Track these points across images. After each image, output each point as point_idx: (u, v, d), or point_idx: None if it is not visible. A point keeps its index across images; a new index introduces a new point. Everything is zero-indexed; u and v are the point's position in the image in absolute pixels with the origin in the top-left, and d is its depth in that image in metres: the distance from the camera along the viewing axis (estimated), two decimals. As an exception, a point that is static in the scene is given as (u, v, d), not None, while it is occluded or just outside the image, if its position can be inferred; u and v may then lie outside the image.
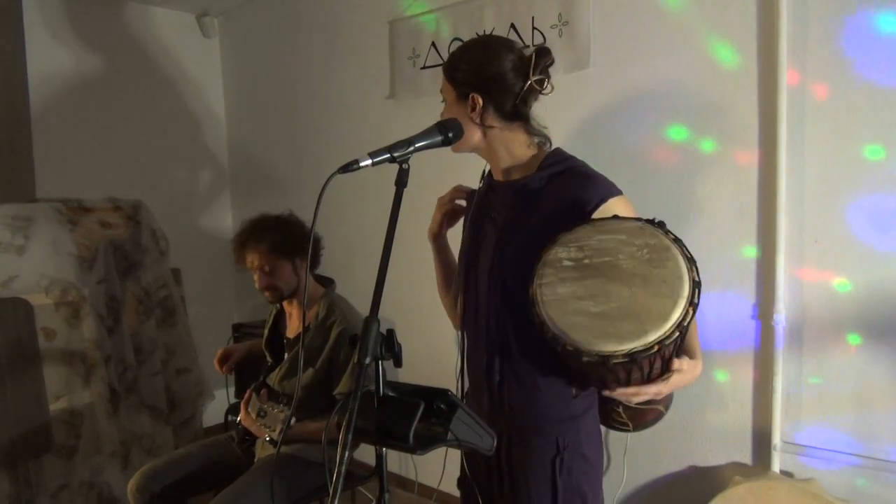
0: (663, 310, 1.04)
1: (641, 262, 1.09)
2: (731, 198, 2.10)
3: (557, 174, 1.33)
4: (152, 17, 3.73)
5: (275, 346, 2.37)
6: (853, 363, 1.91)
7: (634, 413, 1.32)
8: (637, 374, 1.12)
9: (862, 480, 1.91)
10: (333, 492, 0.92)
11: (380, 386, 1.08)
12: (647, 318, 1.04)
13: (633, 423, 1.36)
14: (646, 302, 1.06)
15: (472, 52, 1.37)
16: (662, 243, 1.10)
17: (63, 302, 2.71)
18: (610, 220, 1.17)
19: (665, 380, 1.15)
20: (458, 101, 1.34)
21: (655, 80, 2.23)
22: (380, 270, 1.08)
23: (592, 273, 1.11)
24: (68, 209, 2.88)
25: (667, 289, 1.05)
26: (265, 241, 2.19)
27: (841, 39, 1.86)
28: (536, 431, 1.35)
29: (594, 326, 1.07)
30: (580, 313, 1.09)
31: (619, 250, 1.11)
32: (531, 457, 1.35)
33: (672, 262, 1.07)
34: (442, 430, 1.06)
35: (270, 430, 2.03)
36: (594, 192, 1.28)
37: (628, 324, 1.05)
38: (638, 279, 1.08)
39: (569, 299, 1.11)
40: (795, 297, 1.99)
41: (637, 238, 1.12)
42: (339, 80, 3.34)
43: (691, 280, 1.05)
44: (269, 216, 2.28)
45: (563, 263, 1.15)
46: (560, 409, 1.35)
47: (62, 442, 2.66)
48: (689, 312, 1.03)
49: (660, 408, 1.33)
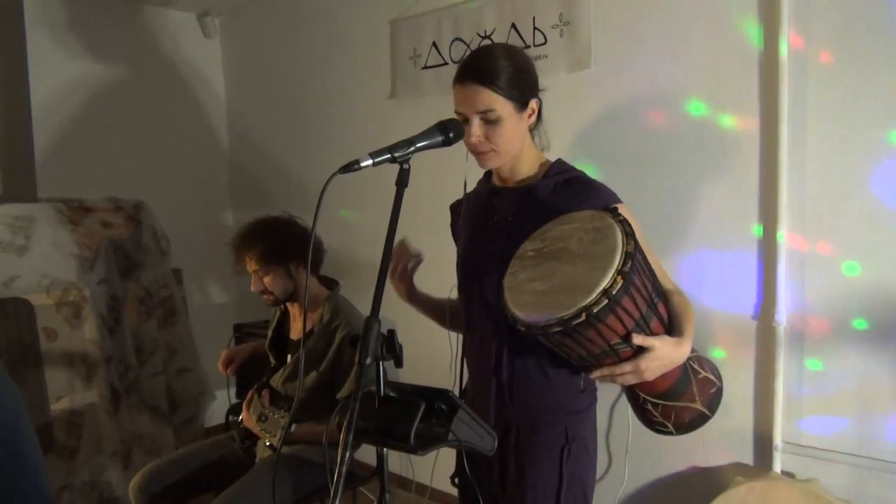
0: (593, 280, 1.10)
1: (587, 242, 1.17)
2: (732, 197, 2.10)
3: (564, 182, 1.39)
4: (153, 17, 3.74)
5: (279, 347, 2.37)
6: (855, 363, 1.91)
7: (665, 410, 1.33)
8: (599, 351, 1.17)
9: (862, 480, 1.91)
10: (334, 492, 0.92)
11: (381, 386, 1.08)
12: (578, 289, 1.11)
13: (670, 423, 1.36)
14: (582, 276, 1.13)
15: (512, 58, 1.34)
16: (606, 224, 1.17)
17: (64, 302, 2.71)
18: (571, 214, 1.26)
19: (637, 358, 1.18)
20: (515, 112, 1.34)
21: (657, 79, 2.23)
22: (380, 270, 1.08)
23: (548, 258, 1.20)
24: (69, 209, 2.89)
25: (601, 262, 1.12)
26: (256, 247, 2.18)
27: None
28: (546, 423, 1.39)
29: (537, 302, 1.16)
30: (530, 293, 1.18)
31: (572, 236, 1.20)
32: (540, 445, 1.38)
33: (611, 238, 1.14)
34: (443, 431, 1.06)
35: (271, 436, 2.03)
36: (599, 198, 1.35)
37: (563, 296, 1.12)
38: (580, 257, 1.16)
39: (524, 283, 1.21)
40: (797, 296, 1.99)
41: (588, 223, 1.20)
42: (340, 80, 3.34)
43: (623, 252, 1.11)
44: (265, 220, 2.27)
45: (527, 254, 1.25)
46: (569, 402, 1.40)
47: (63, 442, 2.66)
48: (618, 280, 1.09)
49: (698, 407, 1.34)
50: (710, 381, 1.36)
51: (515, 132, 1.36)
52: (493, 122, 1.32)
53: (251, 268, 2.19)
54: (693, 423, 1.36)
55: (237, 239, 2.25)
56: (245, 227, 2.26)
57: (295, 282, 2.21)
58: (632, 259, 1.11)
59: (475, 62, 1.35)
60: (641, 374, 1.19)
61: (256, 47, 3.83)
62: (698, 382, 1.33)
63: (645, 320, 1.17)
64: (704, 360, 1.40)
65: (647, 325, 1.18)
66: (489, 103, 1.31)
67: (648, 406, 1.34)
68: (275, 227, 2.24)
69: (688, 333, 1.24)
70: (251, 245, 2.19)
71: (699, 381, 1.34)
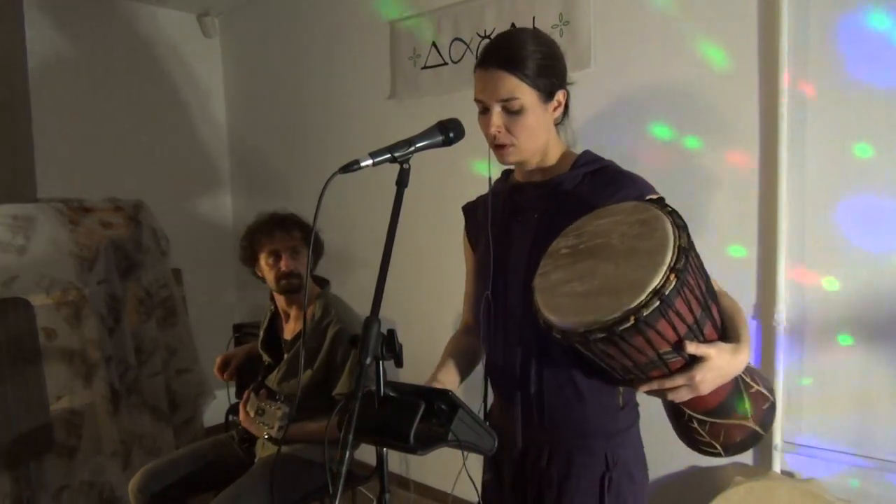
0: (641, 279, 0.96)
1: (631, 237, 1.03)
2: (732, 197, 2.10)
3: (592, 173, 1.27)
4: (153, 17, 3.73)
5: (272, 347, 2.37)
6: (853, 363, 1.91)
7: (713, 429, 1.17)
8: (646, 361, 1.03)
9: (862, 480, 1.91)
10: (334, 492, 0.92)
11: (380, 386, 1.08)
12: (624, 289, 0.97)
13: (718, 444, 1.19)
14: (627, 275, 0.99)
15: (542, 44, 1.23)
16: (653, 215, 1.03)
17: (64, 302, 2.71)
18: (609, 206, 1.13)
19: (691, 368, 1.02)
20: (540, 102, 1.23)
21: (656, 79, 2.23)
22: (381, 270, 1.08)
23: (585, 256, 1.07)
24: (69, 209, 2.88)
25: (649, 259, 0.98)
26: (297, 228, 2.23)
27: (837, 39, 1.86)
28: (582, 447, 1.25)
29: (576, 305, 1.02)
30: (566, 295, 1.05)
31: (613, 230, 1.06)
32: (577, 474, 1.25)
33: (660, 231, 1.00)
34: (443, 431, 1.05)
35: (269, 428, 2.03)
36: (633, 189, 1.23)
37: (605, 297, 0.99)
38: (624, 254, 1.02)
39: (559, 284, 1.08)
40: (796, 298, 1.99)
41: (631, 216, 1.07)
42: (340, 79, 3.34)
43: (676, 247, 0.97)
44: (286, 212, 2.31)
45: (560, 252, 1.12)
46: (607, 421, 1.26)
47: (63, 442, 2.66)
48: (671, 279, 0.95)
49: (751, 425, 1.18)
50: (764, 396, 1.20)
51: (539, 125, 1.24)
52: (516, 112, 1.21)
53: (290, 244, 2.20)
54: (744, 444, 1.20)
55: (276, 215, 2.26)
56: (273, 213, 2.28)
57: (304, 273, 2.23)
58: (686, 255, 0.97)
59: (501, 46, 1.23)
60: (697, 388, 1.03)
61: (256, 47, 3.83)
62: (751, 397, 1.17)
63: (699, 325, 1.03)
64: (756, 372, 1.23)
65: (700, 330, 1.03)
66: (512, 91, 1.19)
67: (694, 424, 1.18)
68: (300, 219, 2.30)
69: (745, 339, 1.08)
70: (294, 224, 2.23)
71: (752, 395, 1.18)
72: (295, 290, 2.22)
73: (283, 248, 2.19)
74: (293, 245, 2.20)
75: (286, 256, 2.19)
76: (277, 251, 2.20)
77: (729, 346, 1.05)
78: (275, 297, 2.34)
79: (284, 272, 2.19)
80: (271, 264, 2.21)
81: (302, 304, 2.26)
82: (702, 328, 1.03)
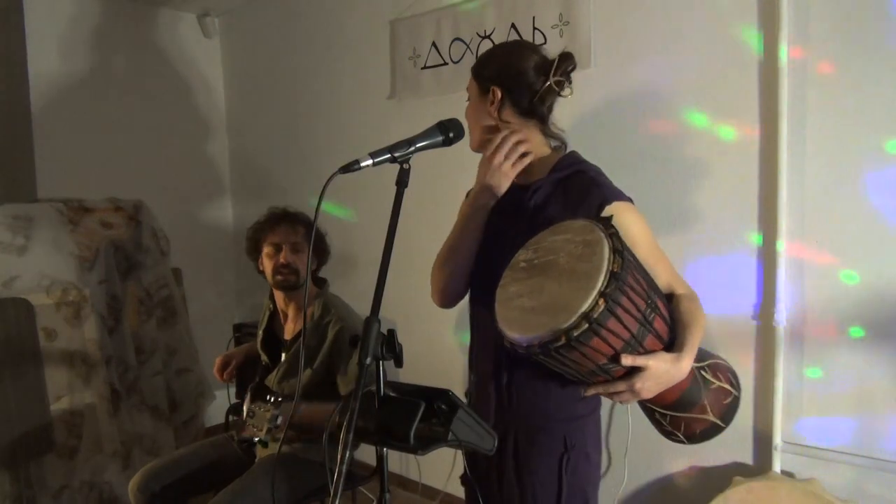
0: (574, 302, 1.05)
1: (575, 257, 1.11)
2: (733, 198, 2.10)
3: (564, 178, 1.34)
4: (153, 17, 3.73)
5: (271, 347, 2.37)
6: (854, 363, 1.91)
7: (674, 420, 1.28)
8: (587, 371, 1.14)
9: (862, 480, 1.91)
10: (334, 492, 0.92)
11: (381, 386, 1.08)
12: (560, 310, 1.06)
13: (680, 433, 1.30)
14: (565, 295, 1.08)
15: (499, 50, 1.47)
16: (596, 237, 1.10)
17: (64, 302, 2.71)
18: (566, 222, 1.20)
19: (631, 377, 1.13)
20: (480, 95, 1.41)
21: (657, 79, 2.23)
22: (381, 270, 1.08)
23: (537, 272, 1.15)
24: (69, 209, 2.89)
25: (584, 282, 1.06)
26: (303, 224, 2.25)
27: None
28: (544, 429, 1.36)
29: (522, 319, 1.12)
30: (517, 309, 1.14)
31: (562, 248, 1.14)
32: (539, 454, 1.35)
33: (598, 255, 1.08)
34: (443, 431, 1.06)
35: (258, 430, 2.03)
36: (597, 195, 1.28)
37: (546, 316, 1.08)
38: (566, 274, 1.10)
39: (513, 297, 1.17)
40: (796, 297, 1.99)
41: (579, 235, 1.14)
42: (340, 80, 3.34)
43: (608, 272, 1.05)
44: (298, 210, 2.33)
45: (519, 265, 1.20)
46: (569, 408, 1.36)
47: (63, 442, 2.66)
48: (600, 304, 1.04)
49: (710, 419, 1.27)
50: (725, 391, 1.29)
51: (476, 113, 1.42)
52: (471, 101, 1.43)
53: (292, 238, 2.21)
54: (706, 434, 1.29)
55: (285, 210, 2.28)
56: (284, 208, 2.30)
57: (305, 271, 2.23)
58: (617, 279, 1.05)
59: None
60: (638, 394, 1.14)
61: (256, 47, 3.83)
62: (711, 393, 1.27)
63: (637, 339, 1.11)
64: (721, 368, 1.32)
65: (640, 343, 1.12)
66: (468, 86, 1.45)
67: (656, 416, 1.30)
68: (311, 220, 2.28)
69: (689, 347, 1.17)
70: (300, 221, 2.25)
71: (712, 391, 1.27)
72: (291, 286, 2.22)
73: (284, 242, 2.21)
74: (295, 241, 2.21)
75: (286, 249, 2.20)
76: (279, 244, 2.21)
77: (670, 355, 1.15)
78: (274, 296, 2.34)
79: (282, 264, 2.19)
80: (271, 255, 2.22)
81: (300, 303, 2.26)
82: (641, 341, 1.12)
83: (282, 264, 2.19)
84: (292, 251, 2.21)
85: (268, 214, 2.29)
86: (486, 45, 2.65)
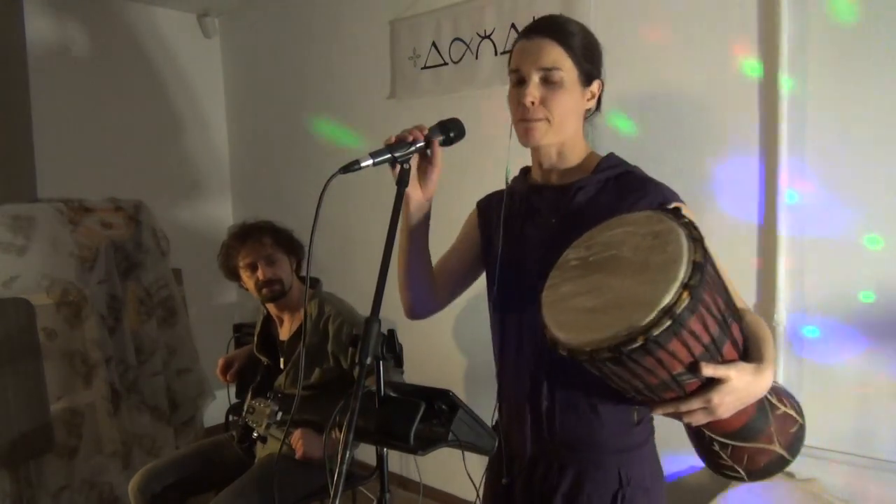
0: (651, 296, 0.90)
1: (643, 250, 0.97)
2: (733, 198, 2.10)
3: (616, 178, 1.22)
4: (153, 17, 3.73)
5: (269, 350, 2.37)
6: (853, 364, 1.91)
7: (735, 452, 1.09)
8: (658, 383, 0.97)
9: (862, 480, 1.91)
10: (334, 492, 0.92)
11: (381, 386, 1.08)
12: (632, 307, 0.91)
13: (741, 468, 1.12)
14: (637, 290, 0.93)
15: (585, 31, 1.21)
16: (667, 227, 0.97)
17: (64, 302, 2.71)
18: (623, 215, 1.07)
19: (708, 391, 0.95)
20: (577, 83, 1.18)
21: (656, 80, 2.23)
22: (381, 270, 1.08)
23: (595, 269, 1.01)
24: (69, 209, 2.89)
25: (661, 274, 0.92)
26: (268, 233, 2.21)
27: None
28: (595, 463, 1.20)
29: (583, 322, 0.96)
30: (573, 311, 0.99)
31: (625, 242, 1.00)
32: (589, 490, 1.20)
33: (673, 245, 0.94)
34: (443, 431, 1.05)
35: (258, 426, 2.02)
36: (656, 193, 1.17)
37: (612, 316, 0.93)
38: (636, 268, 0.96)
39: (567, 297, 1.02)
40: (796, 298, 1.99)
41: (643, 227, 1.00)
42: (340, 79, 3.34)
43: (690, 262, 0.91)
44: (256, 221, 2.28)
45: (570, 264, 1.06)
46: (621, 437, 1.21)
47: (63, 442, 2.66)
48: (684, 296, 0.88)
49: (776, 450, 1.09)
50: (791, 419, 1.11)
51: (574, 107, 1.18)
52: (555, 84, 1.15)
53: (263, 253, 2.18)
54: (769, 469, 1.12)
55: (241, 229, 2.24)
56: (242, 224, 2.26)
57: (291, 278, 2.23)
58: (701, 270, 0.90)
59: (549, 20, 1.21)
60: (714, 411, 0.96)
61: (256, 47, 3.83)
62: (777, 419, 1.09)
63: (716, 345, 0.95)
64: (783, 393, 1.14)
65: (718, 350, 0.96)
66: (556, 60, 1.15)
67: (716, 447, 1.10)
68: (271, 223, 2.27)
69: (769, 359, 1.00)
70: (263, 231, 2.20)
71: (778, 417, 1.09)
72: (279, 295, 2.21)
73: (257, 259, 2.18)
74: (267, 253, 2.18)
75: (262, 266, 2.18)
76: (252, 263, 2.18)
77: (751, 366, 0.97)
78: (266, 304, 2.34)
79: (263, 281, 2.17)
80: (249, 276, 2.20)
81: (293, 307, 2.26)
82: (720, 348, 0.96)
83: (263, 282, 2.17)
84: (268, 264, 2.18)
85: (230, 236, 2.25)
86: (486, 45, 2.65)
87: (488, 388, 1.36)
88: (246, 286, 2.25)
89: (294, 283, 2.25)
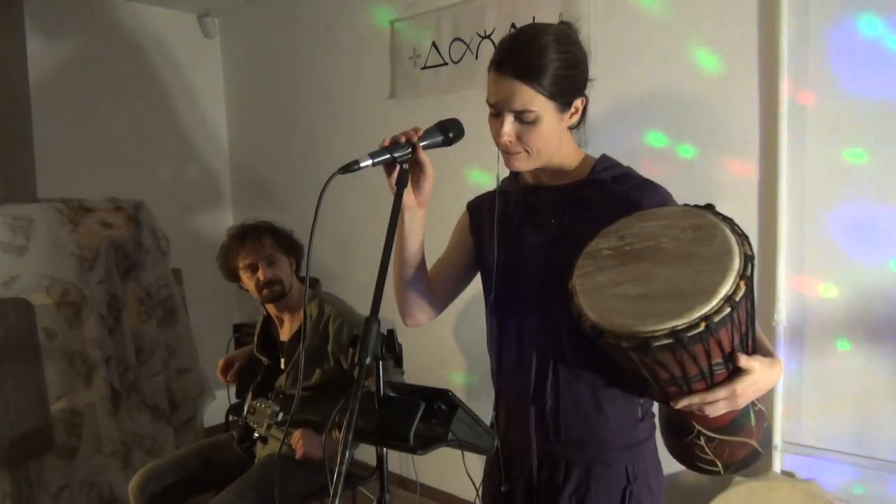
0: (710, 283, 0.93)
1: (686, 242, 1.00)
2: (733, 198, 2.10)
3: (614, 178, 1.23)
4: (153, 17, 3.73)
5: (268, 349, 2.37)
6: (852, 364, 1.91)
7: (719, 446, 1.13)
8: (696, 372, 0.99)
9: (862, 480, 1.91)
10: (334, 492, 0.92)
11: (380, 386, 1.08)
12: (691, 293, 0.94)
13: (720, 461, 1.16)
14: (691, 279, 0.95)
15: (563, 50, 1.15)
16: (709, 221, 1.01)
17: (64, 302, 2.71)
18: (652, 210, 1.09)
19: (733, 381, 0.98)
20: (554, 113, 1.15)
21: (657, 81, 2.23)
22: (380, 270, 1.08)
23: (633, 258, 1.03)
24: (69, 209, 2.89)
25: (714, 264, 0.95)
26: (267, 234, 2.20)
27: (831, 48, 1.87)
28: (602, 461, 1.22)
29: (634, 308, 0.97)
30: (619, 298, 0.99)
31: (662, 234, 1.03)
32: (597, 488, 1.21)
33: (720, 237, 0.98)
34: (443, 431, 1.05)
35: (259, 426, 2.02)
36: (656, 196, 1.19)
37: (670, 302, 0.94)
38: (682, 259, 0.98)
39: (608, 286, 1.02)
40: (796, 298, 1.99)
41: (681, 220, 1.03)
42: (340, 79, 3.34)
43: (742, 254, 0.95)
44: (255, 221, 2.28)
45: (602, 253, 1.06)
46: (626, 434, 1.22)
47: (63, 442, 2.66)
48: (741, 286, 0.92)
49: (752, 443, 1.14)
50: (764, 415, 1.18)
51: (552, 133, 1.17)
52: (529, 123, 1.14)
53: (263, 254, 2.18)
54: (745, 461, 1.17)
55: (241, 229, 2.24)
56: (241, 225, 2.26)
57: (291, 278, 2.23)
58: (752, 263, 0.95)
59: (520, 50, 1.14)
60: (735, 402, 0.99)
61: (256, 47, 3.83)
62: (757, 415, 1.14)
63: (749, 336, 1.00)
64: None
65: (748, 342, 1.01)
66: (527, 104, 1.12)
67: (701, 441, 1.13)
68: (271, 224, 2.27)
69: (775, 353, 1.06)
70: (263, 232, 2.20)
71: (757, 413, 1.14)
72: (279, 296, 2.21)
73: (257, 260, 2.18)
74: (267, 254, 2.18)
75: (262, 266, 2.17)
76: (253, 263, 2.18)
77: (766, 360, 1.01)
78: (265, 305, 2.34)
79: (263, 282, 2.17)
80: (249, 277, 2.20)
81: (292, 308, 2.26)
82: (749, 340, 1.01)
83: (263, 283, 2.17)
84: (268, 265, 2.18)
85: (230, 236, 2.25)
86: (486, 45, 2.65)
87: (488, 389, 1.36)
88: (246, 287, 2.25)
89: (294, 284, 2.25)
